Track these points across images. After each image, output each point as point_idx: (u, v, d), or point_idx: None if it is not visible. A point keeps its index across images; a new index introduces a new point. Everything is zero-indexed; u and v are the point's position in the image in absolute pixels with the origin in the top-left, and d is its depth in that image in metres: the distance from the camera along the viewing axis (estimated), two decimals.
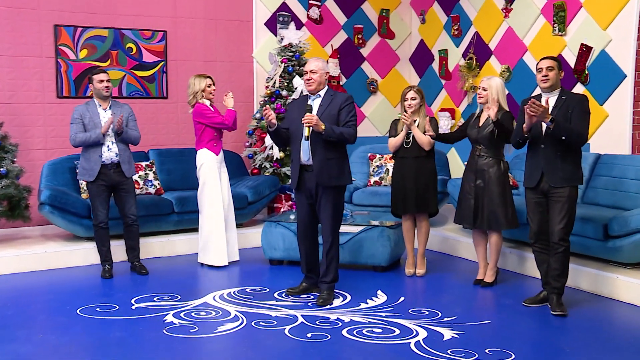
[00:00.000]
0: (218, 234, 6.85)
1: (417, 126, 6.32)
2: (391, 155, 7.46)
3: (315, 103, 5.69)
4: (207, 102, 6.83)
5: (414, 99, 6.32)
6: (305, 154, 5.63)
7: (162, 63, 8.91)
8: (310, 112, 5.48)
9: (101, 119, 6.46)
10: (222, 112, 7.65)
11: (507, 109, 5.99)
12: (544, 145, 5.26)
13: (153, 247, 7.50)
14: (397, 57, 10.73)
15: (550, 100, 5.28)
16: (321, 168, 5.55)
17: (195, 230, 7.79)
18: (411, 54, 10.78)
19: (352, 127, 5.57)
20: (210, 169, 6.80)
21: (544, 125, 5.21)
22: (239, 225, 8.01)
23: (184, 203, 7.71)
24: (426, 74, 10.46)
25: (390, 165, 8.54)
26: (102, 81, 6.46)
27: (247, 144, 9.07)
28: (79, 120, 6.41)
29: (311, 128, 5.44)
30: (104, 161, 6.44)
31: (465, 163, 6.21)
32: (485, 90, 6.02)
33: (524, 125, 5.25)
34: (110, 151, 6.48)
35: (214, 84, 6.89)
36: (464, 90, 9.59)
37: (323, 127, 5.43)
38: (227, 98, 6.83)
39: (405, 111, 6.34)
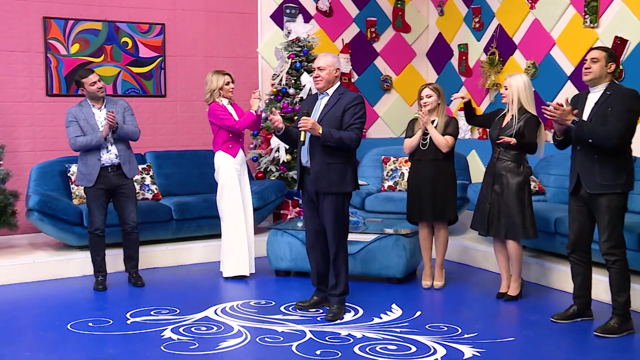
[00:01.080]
0: (239, 241, 6.85)
1: (435, 127, 6.30)
2: (407, 157, 7.45)
3: (323, 102, 5.70)
4: (225, 101, 6.83)
5: (430, 97, 6.32)
6: (304, 156, 5.65)
7: (160, 59, 8.93)
8: (308, 116, 5.48)
9: (97, 119, 6.46)
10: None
11: (533, 111, 5.94)
12: (579, 147, 5.18)
13: (150, 256, 7.51)
14: (413, 52, 10.74)
15: (593, 96, 5.20)
16: (320, 173, 5.56)
17: (196, 238, 7.98)
18: (428, 48, 10.78)
19: (355, 131, 5.51)
20: (228, 172, 6.81)
21: None
22: None
23: (183, 209, 7.72)
24: (445, 71, 10.46)
25: (405, 169, 8.55)
26: (94, 83, 6.44)
27: (252, 145, 9.09)
28: (74, 122, 6.41)
29: (307, 132, 5.45)
30: (103, 164, 6.46)
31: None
32: (506, 88, 6.01)
33: (556, 129, 5.20)
34: (109, 153, 6.49)
35: (232, 82, 6.89)
36: (486, 88, 9.57)
37: (320, 131, 5.41)
38: (253, 98, 6.81)
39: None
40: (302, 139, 5.49)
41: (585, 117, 5.13)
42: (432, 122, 6.33)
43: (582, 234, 5.31)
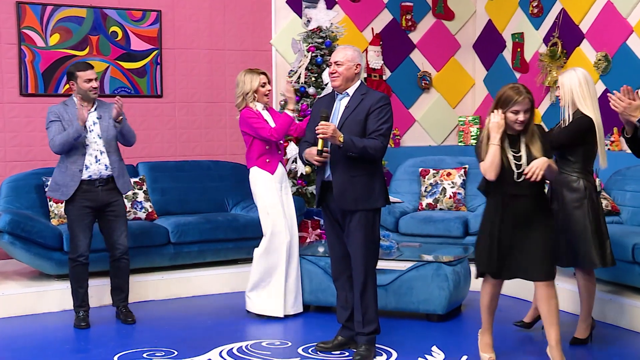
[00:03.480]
0: (277, 273, 6.84)
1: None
2: (449, 170, 7.34)
3: (342, 104, 5.71)
4: (260, 106, 6.85)
5: (527, 112, 5.28)
6: (326, 170, 5.68)
7: (155, 52, 8.98)
8: (327, 120, 5.47)
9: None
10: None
11: (591, 113, 5.80)
12: None
13: (143, 287, 7.53)
14: (457, 44, 10.76)
15: None
16: (343, 188, 5.57)
17: (197, 265, 8.00)
18: (476, 39, 10.80)
19: (380, 138, 5.51)
20: (266, 192, 6.80)
21: None
22: (252, 260, 8.08)
23: (183, 232, 7.76)
24: (495, 65, 10.44)
25: (448, 184, 8.53)
26: (89, 80, 6.48)
27: None
28: (57, 122, 6.46)
29: (327, 140, 5.45)
30: (90, 176, 6.49)
31: None
32: (559, 89, 6.02)
33: (625, 125, 5.03)
34: (99, 163, 6.53)
35: (269, 83, 6.90)
36: (545, 86, 9.54)
37: (341, 139, 5.40)
38: (287, 89, 6.86)
39: (510, 125, 5.34)
40: (319, 147, 5.49)
41: None
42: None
43: None
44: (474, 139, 10.35)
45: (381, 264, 6.23)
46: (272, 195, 6.79)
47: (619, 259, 6.37)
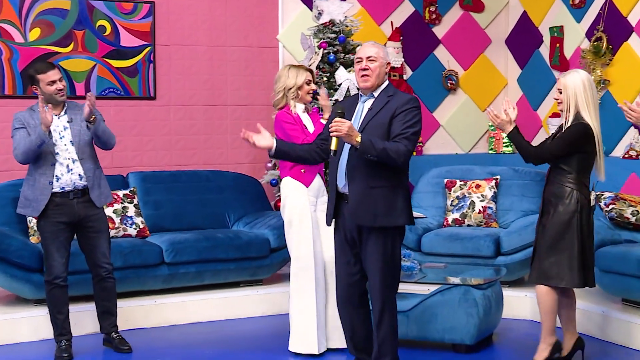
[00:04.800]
0: (305, 304, 6.71)
1: None
2: (479, 181, 7.29)
3: (366, 106, 5.69)
4: (300, 108, 6.83)
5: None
6: (341, 179, 5.62)
7: (148, 49, 8.99)
8: (343, 117, 5.41)
9: (53, 128, 6.44)
10: None
11: (591, 120, 5.96)
12: None
13: (132, 313, 7.48)
14: (487, 39, 10.78)
15: None
16: (360, 201, 5.50)
17: (195, 289, 8.00)
18: (508, 33, 10.82)
19: (404, 142, 5.44)
20: (297, 205, 6.72)
21: None
22: (257, 282, 8.18)
23: (178, 250, 7.74)
24: (531, 63, 10.42)
25: (477, 197, 8.55)
26: (53, 82, 6.45)
27: (270, 164, 9.09)
28: (22, 130, 6.45)
29: (340, 140, 5.40)
30: (62, 188, 6.48)
31: None
32: (561, 92, 6.11)
33: None
34: (71, 173, 6.50)
35: (314, 82, 6.92)
36: None
37: (359, 138, 5.33)
38: (322, 92, 6.91)
39: None
40: (332, 148, 5.43)
41: None
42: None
43: None
44: (506, 146, 10.33)
45: (402, 287, 6.14)
46: (301, 210, 6.70)
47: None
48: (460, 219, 8.61)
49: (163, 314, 7.67)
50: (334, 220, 5.74)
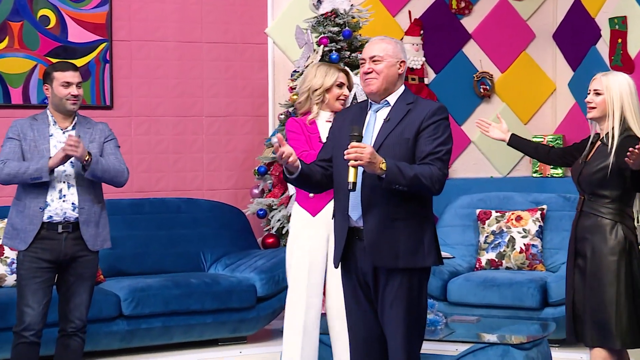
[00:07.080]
0: (292, 344, 6.70)
1: None
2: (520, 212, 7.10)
3: (380, 116, 5.54)
4: (325, 116, 6.77)
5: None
6: (354, 210, 5.42)
7: (103, 45, 9.05)
8: (360, 140, 5.23)
9: (52, 145, 6.43)
10: None
11: (637, 132, 5.92)
12: None
13: None
14: (530, 33, 10.94)
15: None
16: (379, 237, 5.35)
17: (160, 348, 8.03)
18: (557, 26, 10.92)
19: (438, 164, 5.32)
20: (299, 235, 6.73)
21: None
22: (240, 340, 8.25)
23: (140, 300, 7.79)
24: (585, 63, 10.50)
25: (518, 232, 8.52)
26: (67, 85, 6.45)
27: (256, 190, 9.06)
28: (15, 141, 6.44)
29: (360, 169, 5.20)
30: (51, 218, 6.42)
31: None
32: (599, 94, 6.01)
33: None
34: (63, 200, 6.43)
35: (347, 87, 6.87)
36: None
37: (384, 166, 5.15)
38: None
39: None
40: (351, 180, 5.23)
41: None
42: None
43: None
44: (554, 168, 10.38)
45: (424, 347, 6.00)
46: (302, 243, 6.69)
47: None
48: (496, 259, 8.67)
49: None
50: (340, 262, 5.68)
